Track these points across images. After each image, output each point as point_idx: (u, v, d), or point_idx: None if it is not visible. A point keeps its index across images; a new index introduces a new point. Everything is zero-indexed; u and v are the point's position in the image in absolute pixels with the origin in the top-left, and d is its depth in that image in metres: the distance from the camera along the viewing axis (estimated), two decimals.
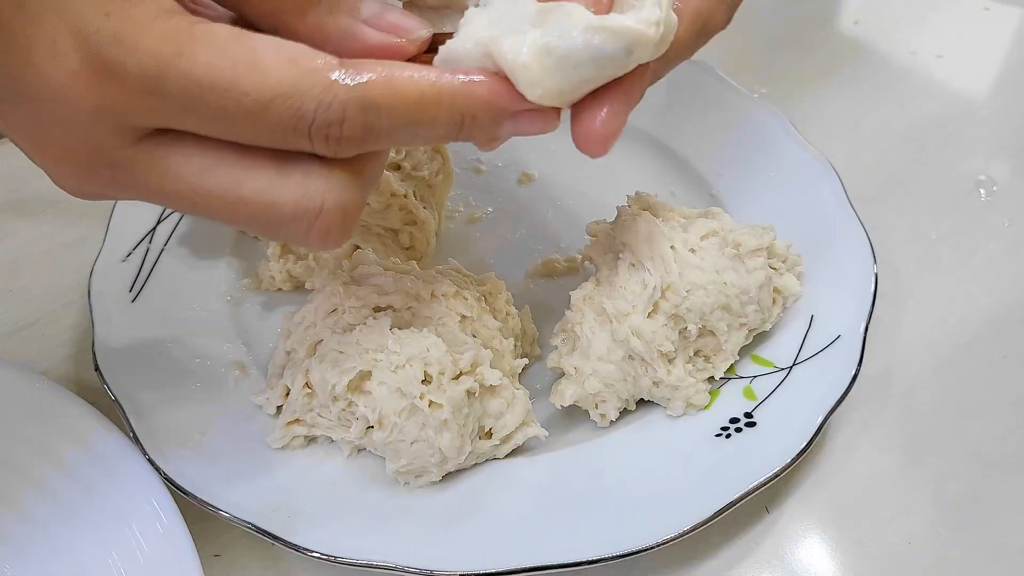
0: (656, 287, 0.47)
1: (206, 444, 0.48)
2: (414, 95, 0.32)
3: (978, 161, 0.67)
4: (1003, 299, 0.58)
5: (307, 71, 0.31)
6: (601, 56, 0.34)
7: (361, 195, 0.35)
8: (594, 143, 0.36)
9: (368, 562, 0.43)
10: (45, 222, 0.63)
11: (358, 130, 0.32)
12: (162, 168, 0.33)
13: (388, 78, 0.32)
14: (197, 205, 0.33)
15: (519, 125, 0.35)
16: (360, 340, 0.46)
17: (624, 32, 0.34)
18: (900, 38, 0.78)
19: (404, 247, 0.57)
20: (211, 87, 0.30)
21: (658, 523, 0.44)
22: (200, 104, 0.30)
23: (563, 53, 0.34)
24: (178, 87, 0.30)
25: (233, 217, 0.33)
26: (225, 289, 0.57)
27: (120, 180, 0.33)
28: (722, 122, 0.64)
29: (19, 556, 0.43)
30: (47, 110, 0.32)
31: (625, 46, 0.34)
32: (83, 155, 0.33)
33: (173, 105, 0.31)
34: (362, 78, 0.31)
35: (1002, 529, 0.48)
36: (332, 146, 0.32)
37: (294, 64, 0.31)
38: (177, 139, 0.32)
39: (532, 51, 0.33)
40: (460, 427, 0.45)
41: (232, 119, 0.31)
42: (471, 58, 0.34)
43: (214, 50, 0.30)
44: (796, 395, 0.49)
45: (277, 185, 0.32)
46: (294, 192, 0.33)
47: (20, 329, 0.58)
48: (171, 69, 0.30)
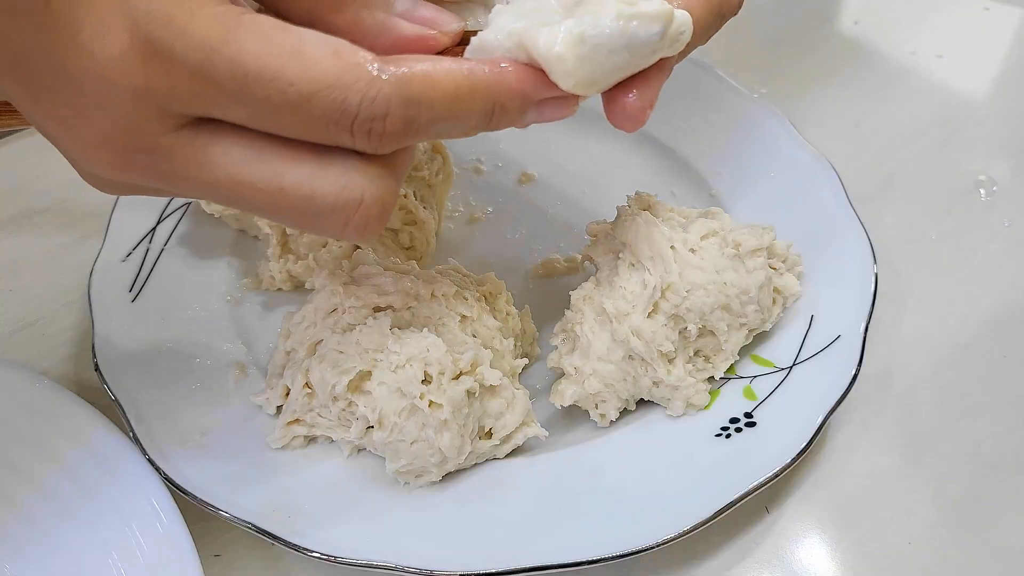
0: (656, 287, 0.47)
1: (206, 444, 0.48)
2: (451, 88, 0.33)
3: (978, 161, 0.67)
4: (1003, 299, 0.58)
5: (351, 65, 0.31)
6: (635, 41, 0.35)
7: (396, 188, 0.35)
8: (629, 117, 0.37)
9: (368, 562, 0.43)
10: (45, 222, 0.63)
11: (399, 125, 0.32)
12: (202, 158, 0.32)
13: (427, 72, 0.32)
14: (236, 196, 0.33)
15: (542, 113, 0.36)
16: (360, 340, 0.46)
17: (657, 15, 0.35)
18: (900, 38, 0.78)
19: (404, 247, 0.57)
20: (256, 75, 0.30)
21: (658, 523, 0.44)
22: (244, 92, 0.30)
23: (597, 41, 0.34)
24: (224, 73, 0.30)
25: (272, 209, 0.33)
26: (225, 289, 0.57)
27: (158, 168, 0.33)
28: (722, 122, 0.64)
29: (19, 556, 0.43)
30: (90, 92, 0.31)
31: (659, 29, 0.35)
32: (122, 140, 0.32)
33: (218, 91, 0.31)
34: (403, 72, 0.32)
35: (1002, 529, 0.48)
36: (374, 142, 0.32)
37: (338, 57, 0.31)
38: (218, 129, 0.32)
39: (566, 40, 0.34)
40: (460, 427, 0.45)
41: (275, 109, 0.31)
42: (503, 49, 0.35)
43: (261, 39, 0.30)
44: (796, 395, 0.49)
45: (317, 177, 0.32)
46: (334, 184, 0.33)
47: (20, 329, 0.58)
48: (218, 55, 0.30)
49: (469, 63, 0.34)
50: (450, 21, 0.37)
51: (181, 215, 0.59)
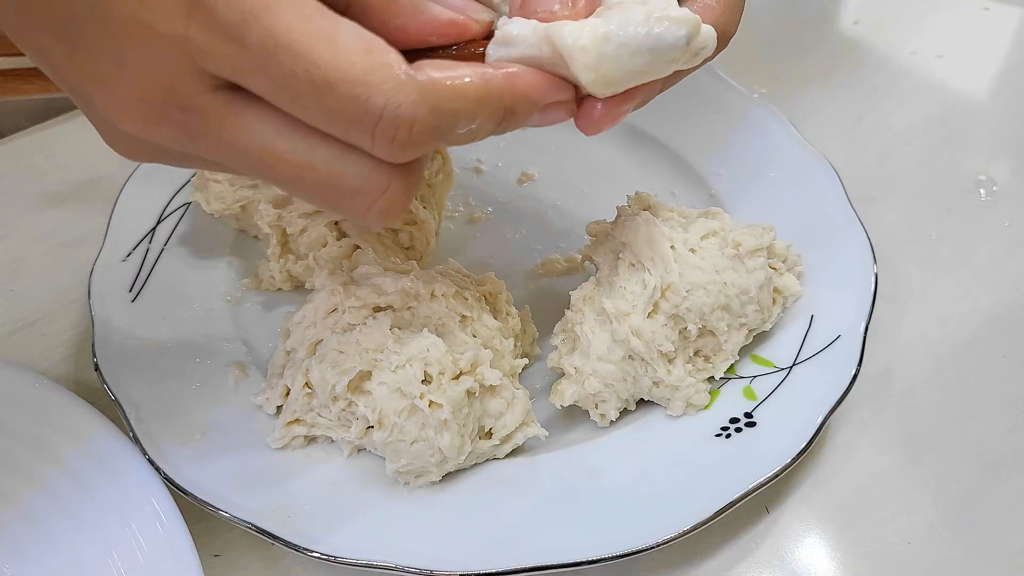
0: (656, 287, 0.47)
1: (206, 444, 0.48)
2: (473, 96, 0.33)
3: (978, 161, 0.67)
4: (1003, 299, 0.58)
5: (380, 64, 0.31)
6: (660, 44, 0.35)
7: (418, 182, 0.35)
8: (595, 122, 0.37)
9: (368, 562, 0.43)
10: (45, 222, 0.63)
11: (426, 134, 0.32)
12: (236, 122, 0.33)
13: (452, 80, 0.32)
14: (264, 165, 0.33)
15: (545, 116, 0.36)
16: (360, 340, 0.46)
17: (685, 20, 0.35)
18: (900, 38, 0.78)
19: (404, 247, 0.57)
20: (287, 48, 0.30)
21: (658, 523, 0.44)
22: (271, 63, 0.30)
23: (623, 40, 0.35)
24: (257, 39, 0.30)
25: (298, 183, 0.33)
26: (225, 289, 0.57)
27: (192, 127, 0.33)
28: (722, 122, 0.64)
29: (19, 556, 0.43)
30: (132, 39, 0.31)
31: (685, 34, 0.35)
32: (158, 94, 0.32)
33: (248, 57, 0.31)
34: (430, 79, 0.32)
35: (1002, 529, 0.48)
36: (396, 149, 0.32)
37: (369, 54, 0.31)
38: (254, 99, 0.32)
39: (592, 36, 0.35)
40: (460, 427, 0.45)
41: (299, 89, 0.31)
42: (527, 43, 0.35)
43: (299, 16, 0.30)
44: (796, 395, 0.49)
45: (348, 157, 0.33)
46: (364, 167, 0.33)
47: (20, 329, 0.58)
48: (255, 20, 0.30)
49: (482, 69, 0.34)
50: (480, 10, 0.37)
51: (181, 215, 0.59)
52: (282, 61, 0.30)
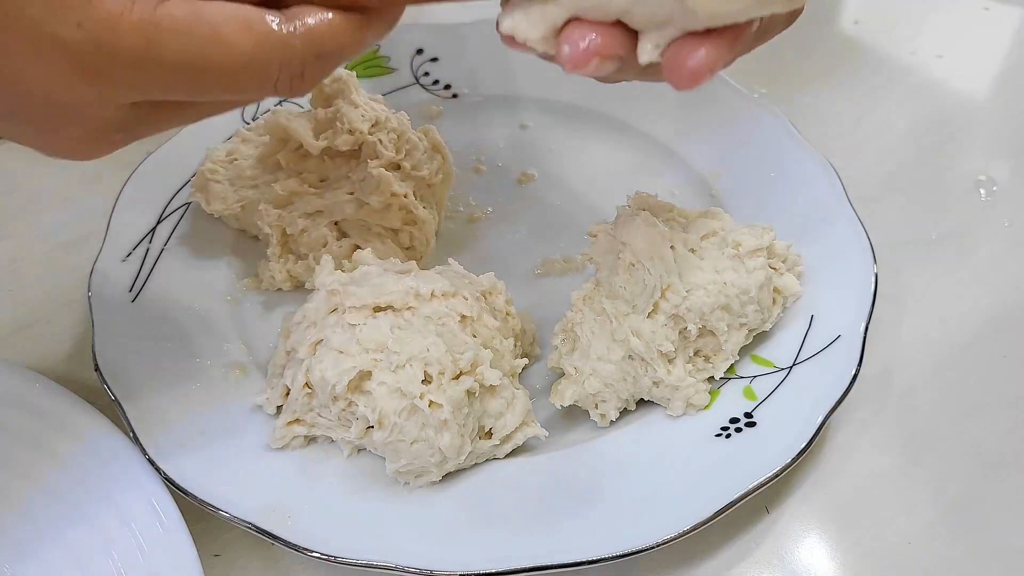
0: (656, 287, 0.47)
1: (206, 444, 0.48)
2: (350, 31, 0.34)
3: (978, 161, 0.67)
4: (1003, 299, 0.58)
5: (262, 35, 0.33)
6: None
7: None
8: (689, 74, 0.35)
9: (368, 562, 0.43)
10: (45, 222, 0.63)
11: (316, 74, 0.34)
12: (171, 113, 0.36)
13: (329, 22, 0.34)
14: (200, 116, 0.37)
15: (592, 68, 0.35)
16: (360, 340, 0.46)
17: None
18: (900, 38, 0.77)
19: (404, 247, 0.57)
20: (183, 69, 0.32)
21: (658, 523, 0.44)
22: (177, 83, 0.33)
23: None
24: (155, 74, 0.32)
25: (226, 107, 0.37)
26: (225, 289, 0.57)
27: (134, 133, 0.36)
28: (722, 122, 0.64)
29: (19, 556, 0.43)
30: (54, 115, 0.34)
31: None
32: (95, 135, 0.35)
33: (156, 85, 0.33)
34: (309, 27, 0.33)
35: (1002, 529, 0.48)
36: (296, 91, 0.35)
37: (249, 30, 0.32)
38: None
39: None
40: (460, 427, 0.45)
41: (208, 89, 0.34)
42: None
43: (178, 34, 0.32)
44: (796, 395, 0.49)
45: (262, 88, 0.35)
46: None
47: (20, 329, 0.58)
48: (146, 61, 0.32)
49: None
50: None
51: (181, 215, 0.59)
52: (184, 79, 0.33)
